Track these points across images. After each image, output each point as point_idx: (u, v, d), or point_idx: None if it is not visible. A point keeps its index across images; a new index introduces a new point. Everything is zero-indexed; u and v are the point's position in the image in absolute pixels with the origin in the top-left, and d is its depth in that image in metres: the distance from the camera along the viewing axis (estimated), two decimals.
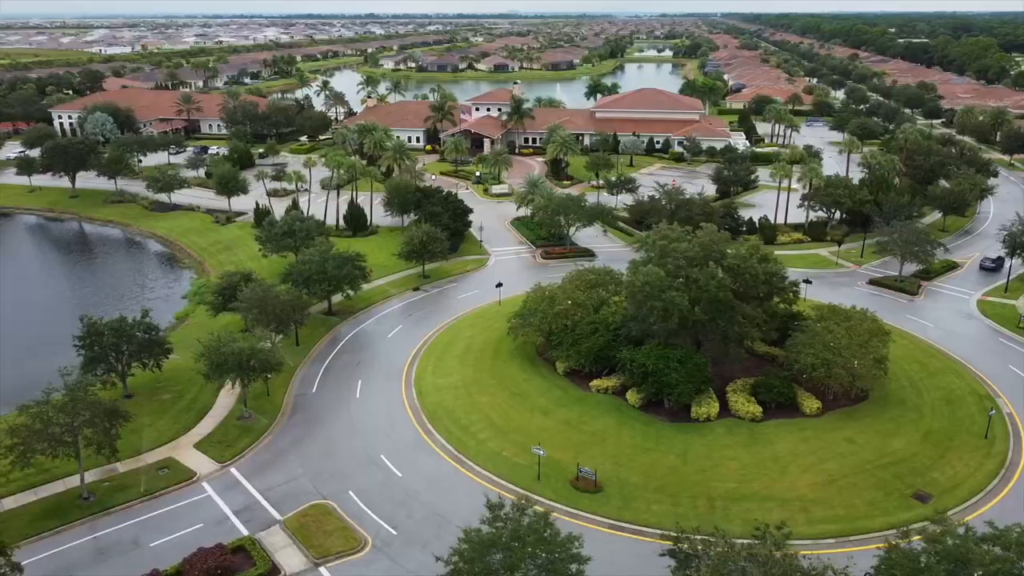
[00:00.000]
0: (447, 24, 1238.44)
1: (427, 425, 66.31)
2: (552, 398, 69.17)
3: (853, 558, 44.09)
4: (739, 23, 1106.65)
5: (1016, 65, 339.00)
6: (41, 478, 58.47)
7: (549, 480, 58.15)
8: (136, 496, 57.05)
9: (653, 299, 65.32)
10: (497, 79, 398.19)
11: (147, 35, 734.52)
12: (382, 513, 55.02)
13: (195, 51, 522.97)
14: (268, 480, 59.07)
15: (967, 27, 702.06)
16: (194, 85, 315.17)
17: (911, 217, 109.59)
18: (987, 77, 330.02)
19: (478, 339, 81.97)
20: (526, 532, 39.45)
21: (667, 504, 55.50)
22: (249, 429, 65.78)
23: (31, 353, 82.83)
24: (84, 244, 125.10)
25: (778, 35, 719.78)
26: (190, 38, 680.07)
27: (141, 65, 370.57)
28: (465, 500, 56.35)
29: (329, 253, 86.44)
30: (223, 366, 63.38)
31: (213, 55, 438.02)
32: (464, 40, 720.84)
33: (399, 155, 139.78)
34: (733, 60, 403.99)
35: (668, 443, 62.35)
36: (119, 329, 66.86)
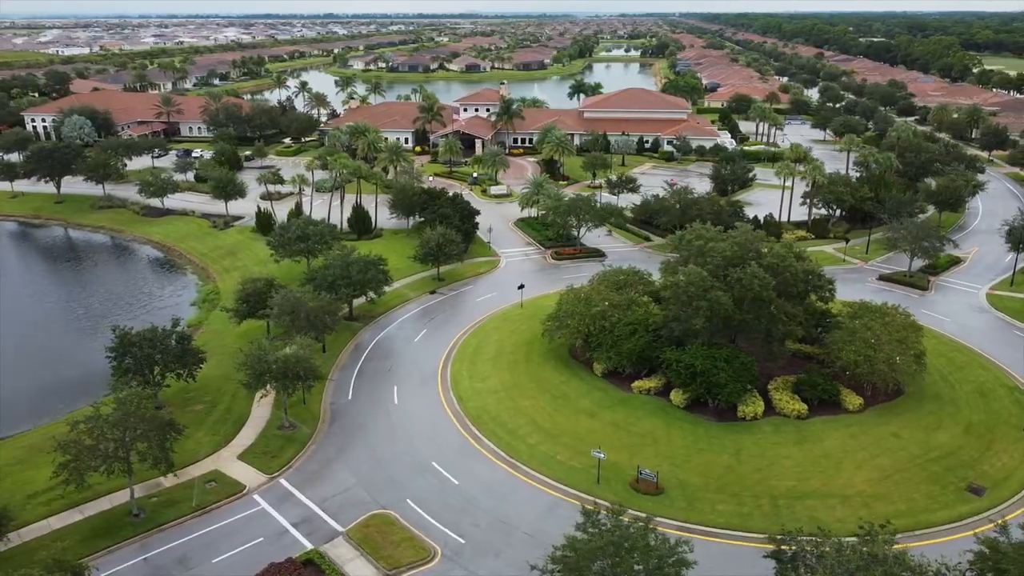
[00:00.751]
0: (409, 24, 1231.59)
1: (473, 430, 65.53)
2: (594, 400, 68.87)
3: (924, 555, 44.41)
4: (698, 23, 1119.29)
5: (978, 63, 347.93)
6: (84, 496, 56.32)
7: (608, 483, 57.83)
8: (188, 511, 55.37)
9: (698, 299, 65.42)
10: (469, 79, 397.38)
11: (103, 35, 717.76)
12: (445, 521, 54.16)
13: (156, 51, 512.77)
14: (322, 490, 57.79)
15: (921, 27, 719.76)
16: (163, 87, 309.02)
17: (914, 213, 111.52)
18: (951, 75, 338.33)
19: (508, 342, 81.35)
20: (632, 538, 38.99)
21: (731, 504, 55.54)
22: (292, 439, 64.34)
23: (50, 366, 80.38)
24: (78, 251, 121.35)
25: (740, 35, 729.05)
26: (149, 38, 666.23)
27: (105, 66, 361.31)
28: (527, 506, 55.88)
29: (351, 257, 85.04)
30: (266, 375, 61.86)
31: (177, 56, 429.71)
32: (430, 40, 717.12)
33: (395, 157, 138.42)
34: (703, 60, 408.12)
35: (719, 443, 62.44)
36: (153, 339, 64.83)
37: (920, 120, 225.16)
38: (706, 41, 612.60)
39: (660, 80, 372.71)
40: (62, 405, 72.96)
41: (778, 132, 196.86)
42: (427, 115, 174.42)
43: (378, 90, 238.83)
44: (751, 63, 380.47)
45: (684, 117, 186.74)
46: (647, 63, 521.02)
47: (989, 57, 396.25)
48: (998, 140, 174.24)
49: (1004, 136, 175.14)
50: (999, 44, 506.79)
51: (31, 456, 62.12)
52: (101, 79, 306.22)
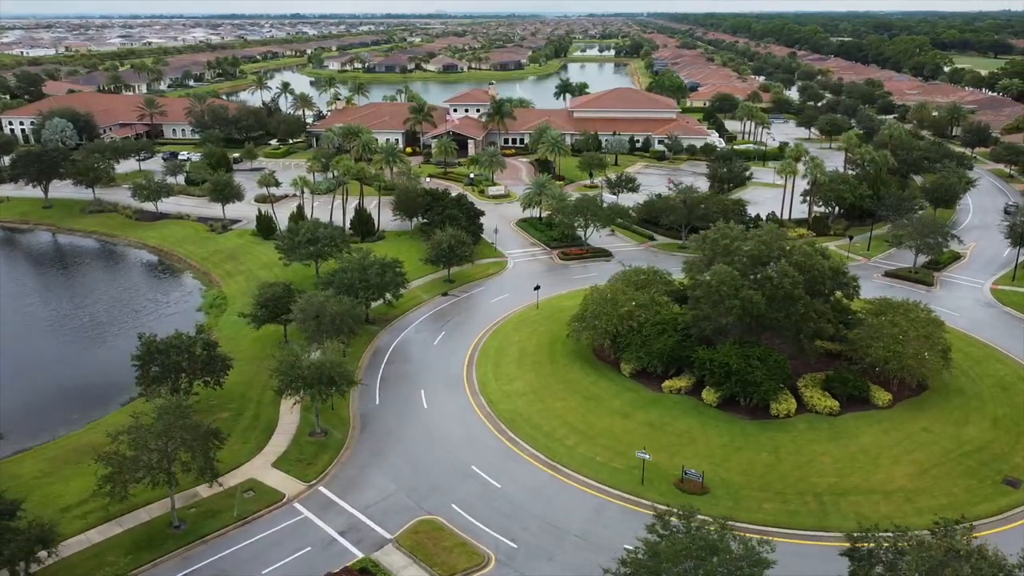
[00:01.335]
0: (379, 24, 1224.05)
1: (508, 433, 65.09)
2: (626, 400, 68.79)
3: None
4: (667, 23, 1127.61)
5: (949, 62, 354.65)
6: (121, 508, 54.94)
7: (652, 483, 57.76)
8: (230, 522, 54.28)
9: (730, 298, 65.65)
10: (447, 80, 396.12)
11: (67, 36, 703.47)
12: (494, 526, 53.70)
13: (124, 52, 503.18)
14: (363, 497, 56.98)
15: (887, 27, 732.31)
16: (137, 88, 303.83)
17: (913, 210, 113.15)
18: (923, 74, 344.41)
19: (529, 343, 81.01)
20: (713, 541, 38.88)
21: (776, 502, 55.78)
22: (325, 445, 63.40)
23: (61, 375, 78.56)
24: (73, 257, 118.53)
25: (710, 34, 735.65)
26: (115, 39, 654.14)
27: (76, 68, 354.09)
28: (574, 508, 55.64)
29: (368, 259, 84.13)
30: (300, 381, 60.88)
31: (147, 57, 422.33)
32: (403, 40, 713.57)
33: (391, 158, 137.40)
34: (679, 59, 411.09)
35: (756, 441, 62.71)
36: (180, 346, 63.49)
37: (899, 118, 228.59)
38: (679, 41, 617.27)
39: (638, 80, 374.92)
40: (77, 415, 71.37)
41: (765, 131, 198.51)
42: (418, 116, 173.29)
43: (361, 91, 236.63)
44: (727, 63, 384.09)
45: (673, 116, 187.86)
46: (622, 63, 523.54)
47: (955, 56, 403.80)
48: (980, 138, 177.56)
49: (987, 134, 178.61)
50: (965, 43, 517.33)
51: (56, 468, 60.57)
52: (73, 81, 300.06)
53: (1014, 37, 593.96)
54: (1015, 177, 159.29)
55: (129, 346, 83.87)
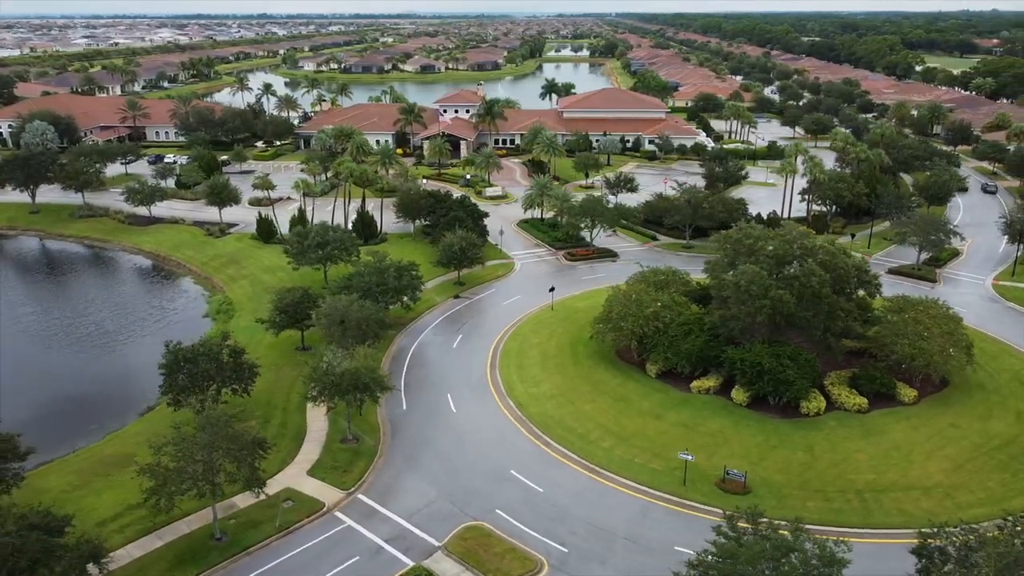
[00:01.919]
0: (349, 24, 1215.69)
1: (542, 436, 64.79)
2: (655, 401, 68.85)
3: None
4: (637, 23, 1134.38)
5: (921, 62, 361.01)
6: (160, 520, 53.65)
7: (694, 484, 57.83)
8: (272, 532, 53.31)
9: (760, 298, 66.00)
10: (424, 80, 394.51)
11: (31, 37, 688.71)
12: (541, 530, 53.34)
13: (90, 53, 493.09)
14: (405, 504, 56.30)
15: (854, 27, 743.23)
16: (111, 89, 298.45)
17: (911, 208, 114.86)
18: (896, 73, 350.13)
19: (549, 345, 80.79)
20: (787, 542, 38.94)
21: (819, 500, 56.12)
22: (359, 452, 62.59)
23: (73, 386, 76.78)
24: (67, 264, 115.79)
25: (681, 34, 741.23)
26: (80, 39, 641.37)
27: (45, 69, 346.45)
28: (619, 511, 55.49)
29: (385, 262, 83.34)
30: (334, 388, 60.02)
31: (115, 57, 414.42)
32: (375, 40, 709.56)
33: (387, 159, 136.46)
34: (656, 59, 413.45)
35: (790, 439, 63.11)
36: (209, 353, 62.26)
37: (878, 117, 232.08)
38: (652, 41, 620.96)
39: (616, 80, 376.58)
40: (95, 427, 69.68)
41: (751, 131, 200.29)
42: (408, 117, 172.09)
43: (344, 92, 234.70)
44: (704, 62, 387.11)
45: (662, 117, 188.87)
46: (597, 63, 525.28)
47: (922, 55, 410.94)
48: (963, 136, 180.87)
49: (968, 132, 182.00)
50: (931, 43, 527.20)
51: (85, 481, 59.10)
52: (45, 82, 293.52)
53: (977, 37, 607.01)
54: (999, 174, 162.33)
55: (138, 354, 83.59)
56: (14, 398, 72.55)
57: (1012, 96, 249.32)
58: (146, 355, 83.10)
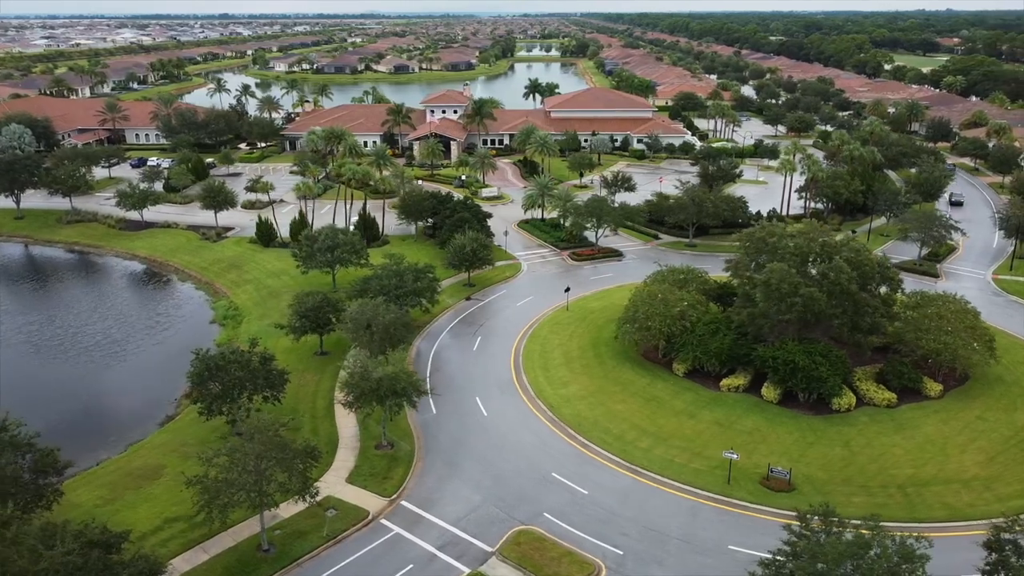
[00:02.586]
0: (314, 24, 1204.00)
1: (579, 438, 64.46)
2: (687, 400, 68.93)
3: None
4: (602, 22, 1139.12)
5: (890, 60, 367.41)
6: (202, 533, 52.51)
7: (738, 483, 57.94)
8: (319, 542, 52.27)
9: (791, 296, 66.38)
10: (398, 80, 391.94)
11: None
12: (593, 533, 53.00)
13: (52, 54, 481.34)
14: (451, 510, 55.58)
15: (817, 26, 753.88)
16: (80, 91, 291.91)
17: (908, 204, 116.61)
18: (865, 72, 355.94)
19: (571, 346, 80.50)
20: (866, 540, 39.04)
21: (863, 496, 56.52)
22: (395, 458, 61.69)
23: (87, 397, 74.76)
24: (62, 271, 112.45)
25: (650, 34, 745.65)
26: (39, 40, 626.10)
27: (9, 71, 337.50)
28: (667, 511, 55.38)
29: (402, 265, 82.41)
30: (372, 394, 59.09)
31: (78, 59, 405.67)
32: (343, 41, 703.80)
33: (381, 161, 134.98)
34: (629, 59, 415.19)
35: (826, 435, 63.58)
36: (241, 361, 60.89)
37: (855, 115, 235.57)
38: (622, 41, 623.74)
39: (590, 80, 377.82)
40: (114, 438, 67.93)
41: (735, 129, 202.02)
42: (396, 118, 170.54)
43: (325, 93, 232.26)
44: (677, 62, 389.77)
45: (650, 116, 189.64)
46: (569, 63, 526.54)
47: (886, 53, 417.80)
48: (942, 133, 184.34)
49: (948, 129, 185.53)
50: (895, 42, 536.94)
51: (117, 494, 57.50)
52: (11, 84, 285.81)
53: (938, 35, 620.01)
54: (980, 171, 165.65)
55: (151, 362, 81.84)
56: (29, 410, 69.61)
57: (982, 94, 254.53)
58: (158, 363, 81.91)
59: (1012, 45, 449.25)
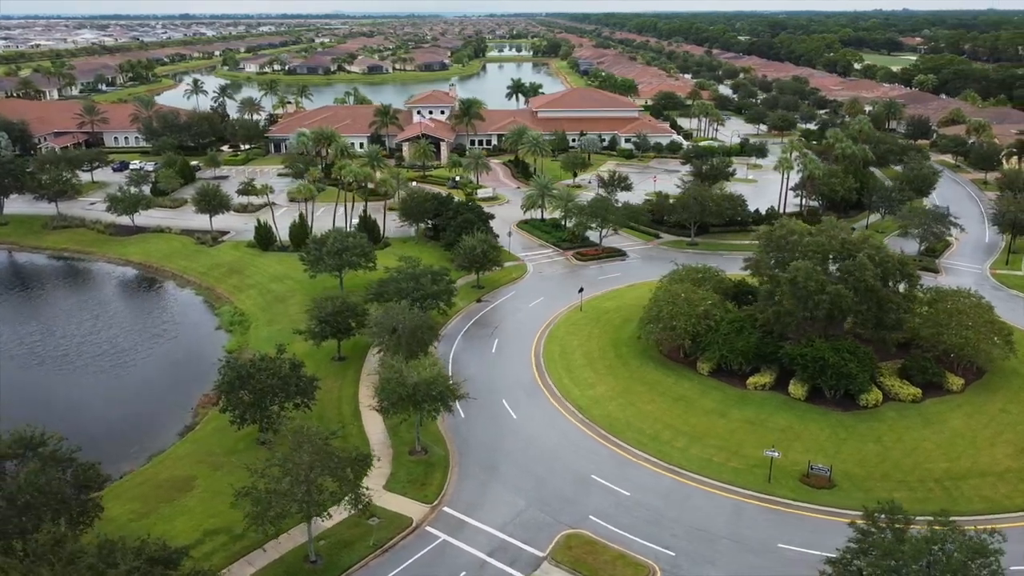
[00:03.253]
0: (278, 25, 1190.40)
1: (612, 439, 64.21)
2: (715, 399, 69.04)
3: None
4: (568, 22, 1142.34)
5: (860, 59, 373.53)
6: (243, 545, 51.35)
7: (778, 480, 58.12)
8: (366, 552, 51.35)
9: (818, 293, 66.85)
10: (372, 81, 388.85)
11: None
12: (641, 534, 52.76)
13: (11, 55, 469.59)
14: (495, 515, 54.97)
15: (781, 25, 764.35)
16: (48, 94, 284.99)
17: (902, 201, 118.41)
18: (835, 71, 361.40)
19: (591, 347, 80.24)
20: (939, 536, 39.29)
21: (904, 491, 56.85)
22: (431, 464, 60.91)
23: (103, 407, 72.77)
24: (54, 278, 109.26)
25: (618, 34, 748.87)
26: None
27: None
28: (712, 511, 55.39)
29: (419, 267, 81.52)
30: (408, 400, 58.23)
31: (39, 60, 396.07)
32: (310, 41, 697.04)
33: (374, 162, 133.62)
34: (603, 59, 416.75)
35: (856, 431, 64.04)
36: (272, 369, 59.62)
37: (832, 113, 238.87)
38: (593, 41, 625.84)
39: (566, 80, 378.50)
40: (135, 449, 66.13)
41: (719, 128, 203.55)
42: (384, 119, 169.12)
43: (305, 94, 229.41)
44: (651, 62, 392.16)
45: (636, 115, 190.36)
46: (541, 63, 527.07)
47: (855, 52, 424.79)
48: (922, 130, 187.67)
49: (927, 127, 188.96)
50: (860, 41, 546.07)
51: (150, 507, 56.03)
52: None
53: (900, 35, 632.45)
54: (961, 167, 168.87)
55: (161, 371, 79.88)
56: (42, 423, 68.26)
57: (953, 92, 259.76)
58: (168, 371, 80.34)
59: (974, 44, 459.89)
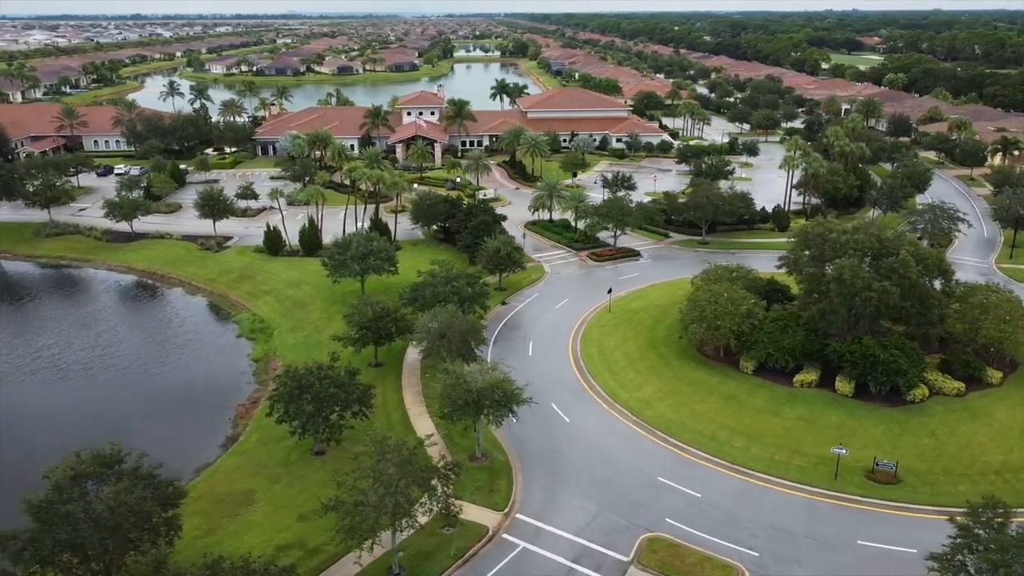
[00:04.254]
0: (235, 25, 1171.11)
1: (671, 440, 64.05)
2: (764, 398, 69.28)
3: None
4: (527, 22, 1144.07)
5: (827, 59, 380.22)
6: (321, 559, 50.15)
7: (843, 477, 58.49)
8: (449, 563, 50.39)
9: (865, 291, 67.53)
10: (343, 82, 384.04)
11: None
12: (721, 535, 52.64)
13: None
14: (570, 521, 54.39)
15: (742, 26, 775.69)
16: (12, 96, 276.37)
17: (904, 197, 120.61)
18: (803, 70, 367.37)
19: (629, 347, 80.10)
20: None
21: (967, 484, 57.74)
22: (494, 470, 60.11)
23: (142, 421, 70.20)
24: (56, 288, 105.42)
25: (582, 34, 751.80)
26: None
27: None
28: (786, 510, 55.51)
29: (452, 271, 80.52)
30: (474, 405, 57.36)
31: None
32: (272, 42, 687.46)
33: (375, 164, 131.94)
34: (574, 59, 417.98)
35: (909, 427, 64.76)
36: (333, 376, 58.23)
37: (809, 112, 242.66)
38: (560, 42, 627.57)
39: (538, 80, 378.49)
40: (179, 463, 63.74)
41: (705, 127, 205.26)
42: (375, 120, 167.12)
43: (285, 95, 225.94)
44: (623, 62, 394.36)
45: (626, 115, 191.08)
46: (509, 63, 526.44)
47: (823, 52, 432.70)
48: (904, 128, 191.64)
49: (908, 125, 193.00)
50: (821, 41, 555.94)
51: (215, 523, 54.44)
52: None
53: (857, 34, 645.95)
54: (944, 164, 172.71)
55: (188, 381, 77.80)
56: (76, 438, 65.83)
57: (923, 90, 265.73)
58: (196, 381, 78.27)
59: (932, 44, 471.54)
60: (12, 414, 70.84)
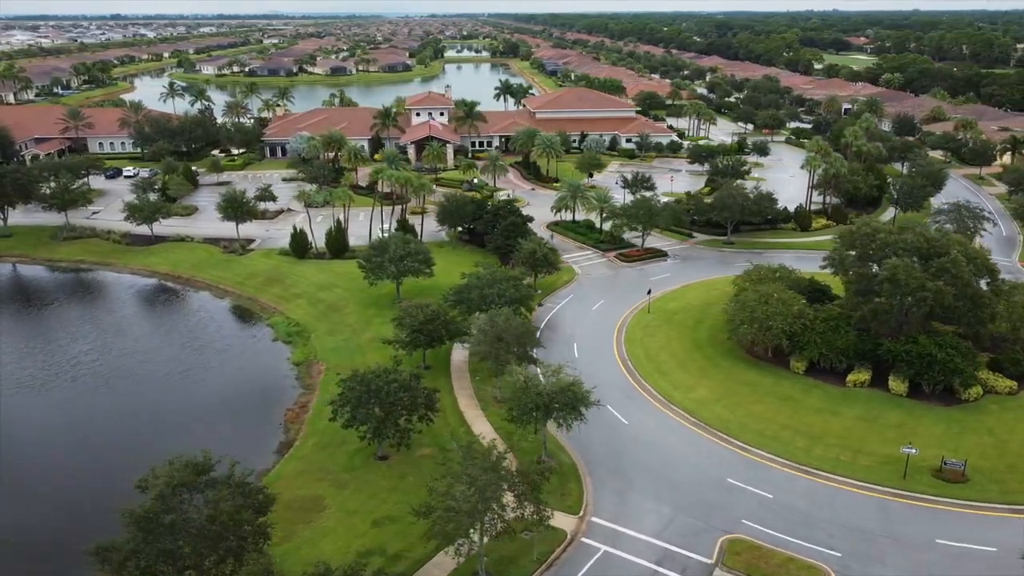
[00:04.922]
0: (219, 25, 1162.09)
1: (733, 441, 64.04)
2: (819, 398, 69.50)
3: None
4: (512, 23, 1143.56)
5: (820, 59, 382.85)
6: (403, 566, 49.72)
7: (911, 476, 58.69)
8: (532, 567, 50.09)
9: (918, 290, 67.86)
10: (337, 83, 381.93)
11: None
12: (800, 536, 52.68)
13: None
14: (646, 524, 54.25)
15: (727, 26, 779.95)
16: (4, 97, 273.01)
17: (924, 196, 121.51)
18: (797, 70, 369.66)
19: (674, 348, 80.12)
20: None
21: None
22: (563, 473, 59.80)
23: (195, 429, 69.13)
24: (80, 292, 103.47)
25: (570, 35, 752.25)
26: None
27: None
28: (860, 510, 55.67)
29: (497, 273, 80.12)
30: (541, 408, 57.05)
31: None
32: (258, 42, 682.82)
33: (394, 165, 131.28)
34: (567, 60, 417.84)
35: (968, 425, 65.22)
36: (401, 381, 57.69)
37: (808, 112, 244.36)
38: (550, 42, 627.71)
39: (533, 80, 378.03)
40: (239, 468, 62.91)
41: (711, 127, 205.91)
42: (385, 121, 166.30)
43: (286, 96, 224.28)
44: (617, 62, 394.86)
45: (634, 115, 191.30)
46: (501, 63, 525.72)
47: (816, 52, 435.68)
48: (908, 128, 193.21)
49: (912, 124, 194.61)
50: (810, 41, 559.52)
51: (290, 531, 53.81)
52: None
53: (844, 34, 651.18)
54: (952, 163, 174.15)
55: (232, 386, 76.77)
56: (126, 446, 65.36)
57: (919, 90, 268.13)
58: (241, 386, 77.39)
59: (919, 44, 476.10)
60: (64, 422, 69.79)
